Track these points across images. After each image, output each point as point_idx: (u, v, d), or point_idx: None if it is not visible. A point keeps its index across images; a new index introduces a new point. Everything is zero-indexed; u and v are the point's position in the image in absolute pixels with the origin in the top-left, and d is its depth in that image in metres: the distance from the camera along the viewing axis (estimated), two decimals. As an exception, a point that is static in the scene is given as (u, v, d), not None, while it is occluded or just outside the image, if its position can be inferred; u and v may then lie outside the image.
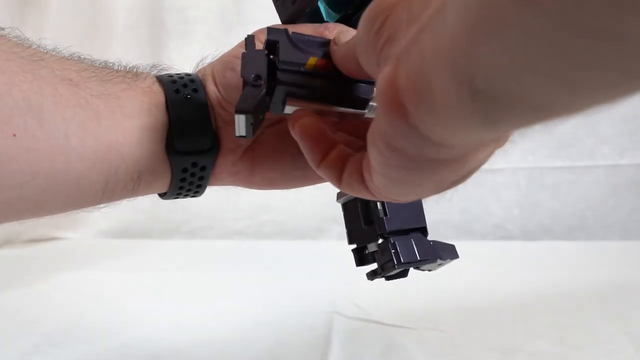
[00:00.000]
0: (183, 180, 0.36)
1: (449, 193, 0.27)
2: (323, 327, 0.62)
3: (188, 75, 0.36)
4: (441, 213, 1.10)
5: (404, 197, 0.24)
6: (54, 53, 0.33)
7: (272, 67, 0.30)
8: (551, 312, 0.67)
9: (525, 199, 1.11)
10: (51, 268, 0.86)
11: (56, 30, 1.18)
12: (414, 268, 0.35)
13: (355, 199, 0.35)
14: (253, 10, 1.11)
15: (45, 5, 1.09)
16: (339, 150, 0.27)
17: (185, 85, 0.35)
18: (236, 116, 0.28)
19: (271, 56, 0.30)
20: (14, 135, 0.29)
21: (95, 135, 0.32)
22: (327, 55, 0.30)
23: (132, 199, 0.37)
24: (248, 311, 0.68)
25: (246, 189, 0.40)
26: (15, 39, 0.31)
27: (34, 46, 0.32)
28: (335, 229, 1.11)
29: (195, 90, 0.35)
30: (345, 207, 0.37)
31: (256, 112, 0.29)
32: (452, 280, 0.80)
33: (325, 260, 0.84)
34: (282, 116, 0.34)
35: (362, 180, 0.25)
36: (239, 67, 0.32)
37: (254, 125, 0.29)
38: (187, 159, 0.35)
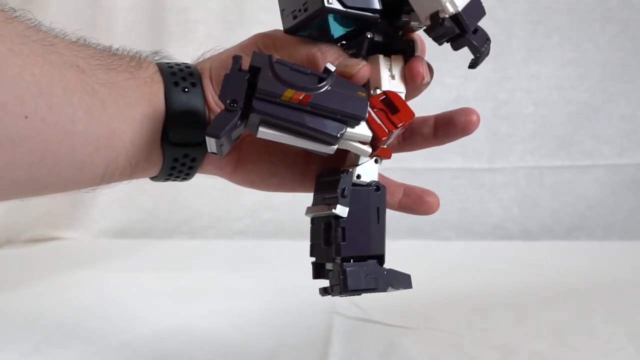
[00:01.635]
0: (173, 168, 0.37)
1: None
2: (323, 327, 0.62)
3: (188, 67, 0.37)
4: (441, 213, 1.10)
5: None
6: (62, 37, 0.34)
7: (250, 91, 0.31)
8: (551, 312, 0.67)
9: (524, 199, 1.11)
10: (51, 268, 0.86)
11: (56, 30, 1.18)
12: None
13: (321, 217, 0.36)
14: (254, 11, 1.11)
15: (45, 5, 1.09)
16: None
17: (184, 79, 0.36)
18: (206, 137, 0.31)
19: (252, 80, 0.32)
20: (26, 117, 0.29)
21: (100, 121, 0.33)
22: (305, 89, 0.31)
23: (133, 199, 0.38)
24: (248, 311, 0.68)
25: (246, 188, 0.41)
26: (27, 22, 0.32)
27: (44, 29, 0.33)
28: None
29: (193, 84, 0.36)
30: (312, 221, 0.38)
31: (226, 135, 0.31)
32: (452, 280, 0.80)
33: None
34: None
35: None
36: None
37: (224, 145, 0.31)
38: (180, 150, 0.36)
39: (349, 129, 0.33)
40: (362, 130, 0.34)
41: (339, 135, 0.33)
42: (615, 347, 0.57)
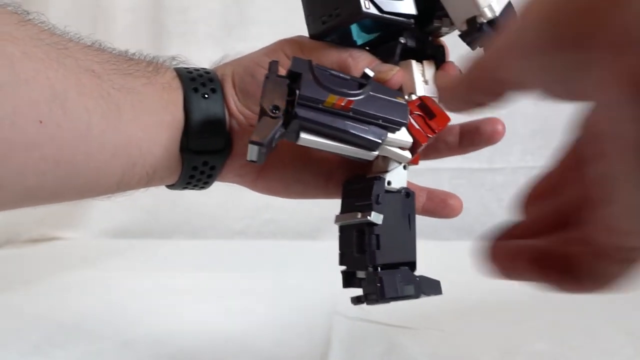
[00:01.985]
0: (192, 177, 0.36)
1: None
2: (323, 327, 0.62)
3: (207, 72, 0.36)
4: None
5: None
6: (77, 41, 0.33)
7: (291, 97, 0.30)
8: (551, 312, 0.67)
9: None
10: (51, 268, 0.86)
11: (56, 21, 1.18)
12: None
13: (353, 225, 0.36)
14: (255, 11, 1.11)
15: (45, 5, 1.09)
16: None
17: (204, 84, 0.35)
18: (250, 145, 0.29)
19: (292, 87, 0.31)
20: (40, 122, 0.28)
21: (116, 128, 0.32)
22: (347, 94, 0.31)
23: (133, 199, 0.37)
24: (248, 311, 0.68)
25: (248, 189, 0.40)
26: (40, 25, 0.31)
27: (58, 32, 0.32)
28: (335, 229, 1.11)
29: (213, 90, 0.35)
30: (342, 229, 0.37)
31: (269, 143, 0.30)
32: (452, 280, 0.80)
33: (326, 260, 0.84)
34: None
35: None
36: (258, 74, 0.33)
37: (266, 153, 0.30)
38: (199, 157, 0.35)
39: (390, 135, 0.33)
40: (403, 136, 0.34)
41: (381, 140, 0.32)
42: (615, 347, 0.57)
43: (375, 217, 0.34)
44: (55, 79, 0.29)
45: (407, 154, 0.35)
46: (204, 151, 0.35)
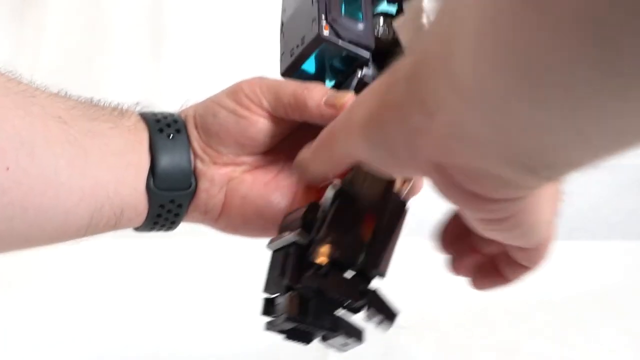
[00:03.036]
0: (159, 215, 0.37)
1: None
2: (323, 327, 0.62)
3: (172, 115, 0.38)
4: (441, 213, 1.10)
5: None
6: (43, 90, 0.34)
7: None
8: (551, 312, 0.67)
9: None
10: (51, 268, 0.86)
11: (56, 30, 1.18)
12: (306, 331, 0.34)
13: (282, 249, 0.34)
14: (254, 13, 1.11)
15: (45, 5, 1.09)
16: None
17: (168, 125, 0.36)
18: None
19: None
20: (7, 168, 0.29)
21: (83, 171, 0.33)
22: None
23: None
24: (248, 310, 0.68)
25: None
26: (8, 74, 0.32)
27: (25, 82, 0.33)
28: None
29: (178, 131, 0.36)
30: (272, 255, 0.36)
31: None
32: (452, 280, 0.80)
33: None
34: (258, 163, 0.38)
35: None
36: (219, 114, 0.36)
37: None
38: (166, 195, 0.36)
39: None
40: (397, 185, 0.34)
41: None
42: (615, 347, 0.57)
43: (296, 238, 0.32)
44: (22, 126, 0.30)
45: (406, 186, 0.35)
46: (170, 189, 0.36)
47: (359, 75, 0.35)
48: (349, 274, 0.31)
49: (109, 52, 1.20)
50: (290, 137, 0.38)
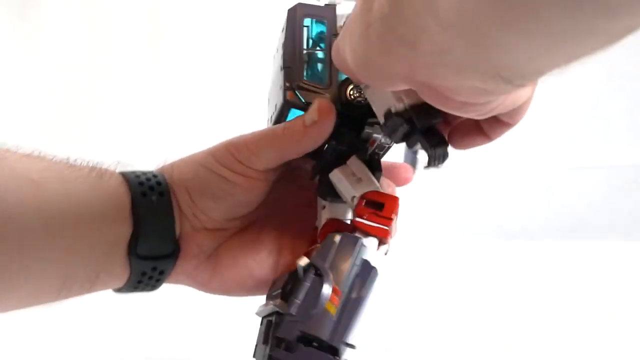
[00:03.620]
0: (140, 282, 0.35)
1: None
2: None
3: (155, 176, 0.35)
4: (441, 213, 1.10)
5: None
6: (15, 151, 0.33)
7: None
8: (551, 312, 0.67)
9: (525, 199, 1.11)
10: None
11: (56, 30, 1.18)
12: None
13: (266, 317, 0.35)
14: (254, 16, 1.11)
15: (45, 6, 1.09)
16: None
17: (152, 188, 0.34)
18: None
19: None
20: None
21: (56, 235, 0.31)
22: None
23: None
24: (248, 310, 0.67)
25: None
26: None
27: None
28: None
29: (161, 194, 0.34)
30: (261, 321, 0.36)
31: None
32: (452, 280, 0.80)
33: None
34: (243, 224, 0.37)
35: None
36: (213, 181, 0.34)
37: None
38: (148, 263, 0.34)
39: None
40: (374, 250, 0.34)
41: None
42: (615, 347, 0.57)
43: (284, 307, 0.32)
44: None
45: (383, 249, 0.35)
46: (153, 257, 0.34)
47: (332, 143, 0.36)
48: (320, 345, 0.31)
49: (109, 52, 1.20)
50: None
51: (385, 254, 0.36)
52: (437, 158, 0.31)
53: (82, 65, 1.21)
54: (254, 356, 0.35)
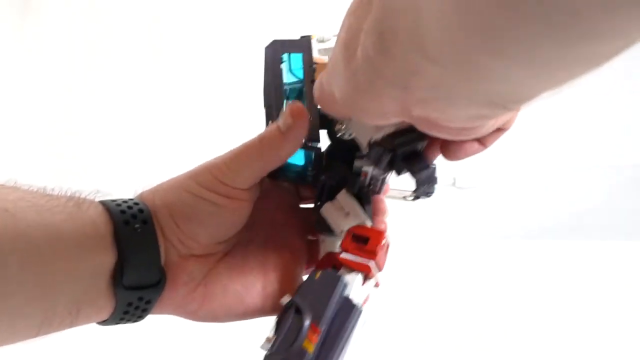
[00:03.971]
0: (126, 312, 0.35)
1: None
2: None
3: (136, 204, 0.35)
4: (441, 213, 1.10)
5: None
6: None
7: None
8: (551, 312, 0.67)
9: (525, 199, 1.11)
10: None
11: (56, 31, 1.18)
12: None
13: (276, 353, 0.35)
14: (255, 16, 1.11)
15: (45, 8, 1.09)
16: None
17: (134, 217, 0.33)
18: None
19: None
20: None
21: (32, 270, 0.30)
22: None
23: None
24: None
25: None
26: None
27: None
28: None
29: (144, 222, 0.33)
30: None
31: None
32: (452, 280, 0.80)
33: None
34: (228, 248, 0.37)
35: None
36: (199, 206, 0.34)
37: None
38: (134, 293, 0.34)
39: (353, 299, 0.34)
40: (358, 286, 0.34)
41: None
42: (615, 346, 0.57)
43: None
44: None
45: (370, 283, 0.35)
46: (139, 287, 0.33)
47: (322, 180, 0.37)
48: None
49: (109, 52, 1.20)
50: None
51: (377, 286, 0.36)
52: (423, 183, 0.31)
53: (82, 65, 1.21)
54: None
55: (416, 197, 0.32)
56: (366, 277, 0.35)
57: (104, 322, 0.35)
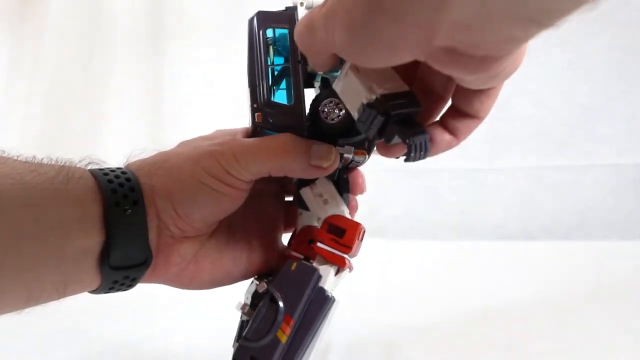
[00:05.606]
0: (111, 288, 0.35)
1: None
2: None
3: (128, 179, 0.34)
4: (441, 213, 1.10)
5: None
6: None
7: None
8: (551, 312, 0.67)
9: (524, 199, 1.11)
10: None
11: (56, 31, 1.18)
12: None
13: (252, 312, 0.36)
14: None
15: (45, 6, 1.09)
16: None
17: (125, 196, 0.33)
18: None
19: None
20: None
21: (18, 249, 0.29)
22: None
23: None
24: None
25: None
26: None
27: None
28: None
29: (135, 202, 0.33)
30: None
31: None
32: (452, 280, 0.80)
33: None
34: (217, 225, 0.37)
35: None
36: (201, 191, 0.34)
37: None
38: (120, 272, 0.34)
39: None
40: (332, 277, 0.35)
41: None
42: (615, 347, 0.57)
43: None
44: None
45: (343, 274, 0.36)
46: (125, 267, 0.33)
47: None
48: None
49: (109, 51, 1.20)
50: None
51: (350, 270, 0.37)
52: (416, 148, 0.29)
53: (82, 64, 1.21)
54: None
55: (406, 161, 0.31)
56: (338, 270, 0.36)
57: (93, 292, 0.35)
